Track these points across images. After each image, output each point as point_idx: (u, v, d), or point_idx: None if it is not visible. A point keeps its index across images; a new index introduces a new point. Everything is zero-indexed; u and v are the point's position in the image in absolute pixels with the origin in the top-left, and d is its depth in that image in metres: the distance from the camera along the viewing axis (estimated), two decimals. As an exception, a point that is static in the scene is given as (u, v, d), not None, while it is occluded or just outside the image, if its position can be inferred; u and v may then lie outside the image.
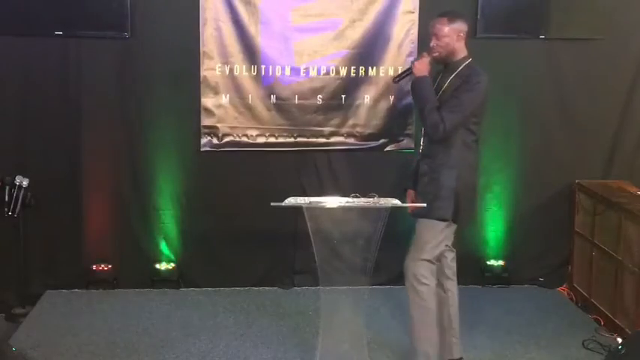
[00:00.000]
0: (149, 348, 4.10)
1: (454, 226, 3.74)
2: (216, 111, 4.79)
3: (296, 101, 4.82)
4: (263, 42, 4.73)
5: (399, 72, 4.04)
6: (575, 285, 5.00)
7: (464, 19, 3.75)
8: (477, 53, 4.82)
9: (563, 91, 4.99)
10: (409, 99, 4.87)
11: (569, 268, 5.09)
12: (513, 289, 5.03)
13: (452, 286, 3.83)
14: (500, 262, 5.08)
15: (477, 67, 3.72)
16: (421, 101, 3.69)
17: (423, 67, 3.71)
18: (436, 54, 3.73)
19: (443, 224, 3.69)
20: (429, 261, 3.70)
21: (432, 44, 3.73)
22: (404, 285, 4.98)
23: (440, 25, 3.69)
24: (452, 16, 3.71)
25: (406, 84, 4.42)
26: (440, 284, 3.80)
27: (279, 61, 4.77)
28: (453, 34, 3.67)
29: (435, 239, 3.70)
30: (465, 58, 3.73)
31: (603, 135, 5.06)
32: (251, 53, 4.75)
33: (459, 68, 3.70)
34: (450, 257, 3.84)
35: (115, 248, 4.90)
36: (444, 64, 3.79)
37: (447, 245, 3.78)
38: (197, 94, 4.75)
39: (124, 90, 4.74)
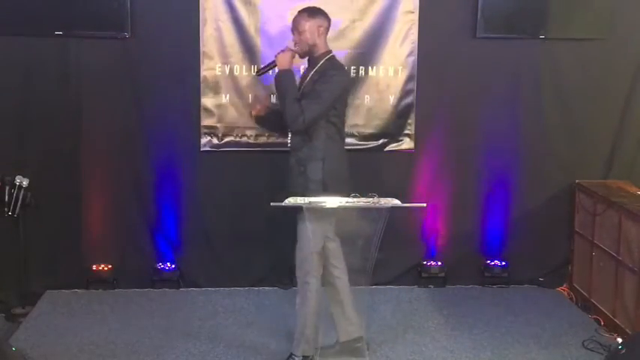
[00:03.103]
0: (149, 348, 4.10)
1: (332, 217, 3.78)
2: (216, 111, 4.79)
3: (296, 101, 4.82)
4: (263, 42, 4.73)
5: (262, 65, 4.04)
6: (575, 285, 5.00)
7: (324, 15, 3.82)
8: (477, 53, 4.88)
9: (563, 91, 4.99)
10: (409, 99, 4.89)
11: (569, 268, 5.09)
12: (513, 289, 5.03)
13: (340, 273, 3.89)
14: (501, 262, 5.08)
15: (337, 61, 3.83)
16: (283, 93, 3.75)
17: (286, 60, 3.78)
18: (298, 49, 3.80)
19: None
20: (316, 253, 3.76)
21: (294, 39, 3.81)
22: (404, 285, 5.05)
23: (300, 20, 3.77)
24: (312, 12, 3.80)
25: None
26: (329, 273, 3.86)
27: (278, 61, 4.77)
28: (313, 29, 3.76)
29: (316, 231, 3.73)
30: (326, 53, 3.82)
31: (603, 135, 5.06)
32: (251, 53, 4.75)
33: (320, 63, 3.80)
34: (333, 247, 3.87)
35: (115, 248, 4.90)
36: (307, 59, 3.87)
37: (327, 236, 3.81)
38: (197, 94, 4.75)
39: (124, 90, 4.74)
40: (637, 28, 4.95)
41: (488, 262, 5.08)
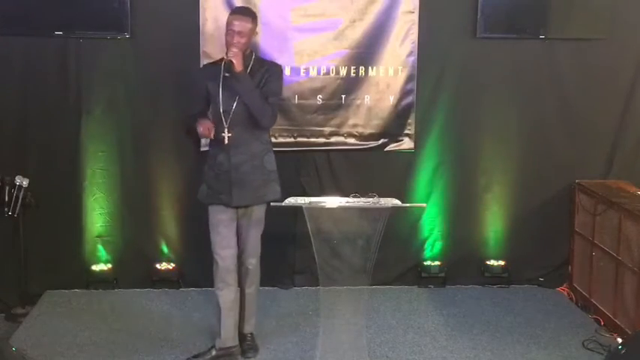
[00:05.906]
0: (149, 348, 4.10)
1: None
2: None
3: (296, 101, 4.82)
4: (263, 42, 4.73)
5: (223, 73, 3.83)
6: (575, 285, 5.00)
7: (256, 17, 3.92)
8: (477, 53, 4.88)
9: (563, 91, 4.99)
10: (409, 99, 4.89)
11: (569, 268, 5.08)
12: (513, 289, 5.03)
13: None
14: (501, 262, 5.07)
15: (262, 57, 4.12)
16: (252, 93, 3.77)
17: (240, 62, 3.73)
18: (237, 50, 3.72)
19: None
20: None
21: (234, 41, 3.73)
22: (404, 285, 5.04)
23: (245, 24, 3.78)
24: (254, 15, 3.88)
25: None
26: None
27: (279, 61, 4.75)
28: (253, 32, 3.85)
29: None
30: (252, 52, 3.94)
31: (603, 135, 5.06)
32: (251, 53, 4.75)
33: (252, 62, 3.87)
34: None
35: (115, 248, 4.90)
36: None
37: None
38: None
39: (124, 90, 4.74)
40: (637, 28, 4.95)
41: (488, 262, 5.08)
